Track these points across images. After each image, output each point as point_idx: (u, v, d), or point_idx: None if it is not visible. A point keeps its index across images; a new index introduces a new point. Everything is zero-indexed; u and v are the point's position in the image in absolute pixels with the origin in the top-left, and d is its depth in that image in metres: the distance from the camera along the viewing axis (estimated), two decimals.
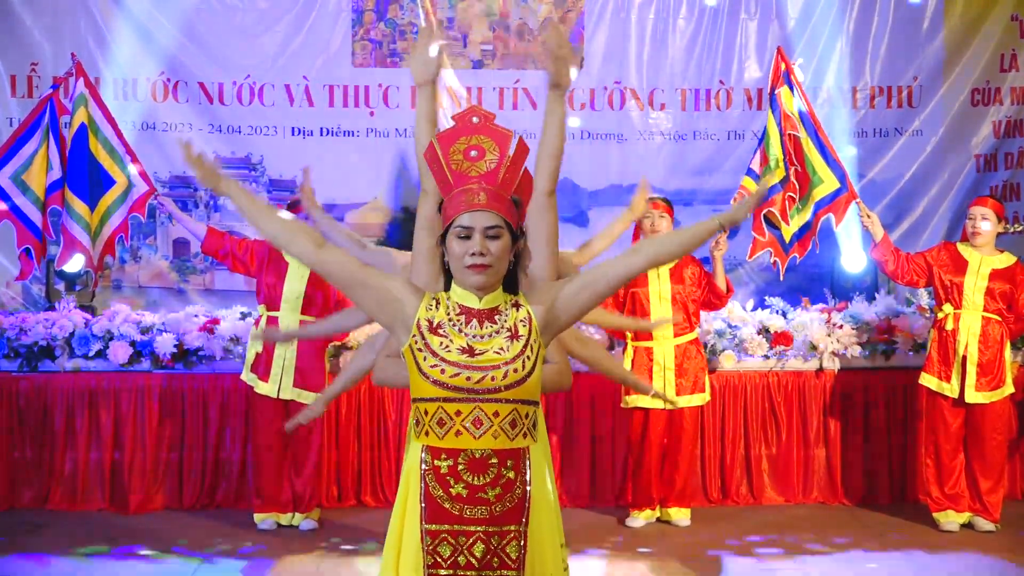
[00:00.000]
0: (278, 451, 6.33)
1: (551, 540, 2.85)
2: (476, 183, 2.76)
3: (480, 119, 2.86)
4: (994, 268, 6.31)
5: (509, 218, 2.76)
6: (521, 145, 2.83)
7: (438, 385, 2.71)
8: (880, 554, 5.96)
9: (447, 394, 2.73)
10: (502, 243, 2.74)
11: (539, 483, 2.80)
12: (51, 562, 5.80)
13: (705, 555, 5.93)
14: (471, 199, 2.74)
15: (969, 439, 6.36)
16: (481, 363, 2.72)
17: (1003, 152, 8.23)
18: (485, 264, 2.70)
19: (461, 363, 2.71)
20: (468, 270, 2.72)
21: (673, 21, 8.13)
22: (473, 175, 2.77)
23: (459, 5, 8.05)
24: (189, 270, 8.01)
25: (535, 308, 2.80)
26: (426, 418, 2.75)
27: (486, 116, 2.88)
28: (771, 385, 7.00)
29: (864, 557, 5.92)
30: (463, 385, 2.71)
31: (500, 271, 2.75)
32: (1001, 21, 8.12)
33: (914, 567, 5.78)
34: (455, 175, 2.78)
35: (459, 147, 2.81)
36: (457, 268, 2.76)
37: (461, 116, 2.90)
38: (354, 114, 8.04)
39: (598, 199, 8.10)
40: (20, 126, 6.63)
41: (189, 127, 7.90)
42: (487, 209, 2.73)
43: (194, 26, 7.90)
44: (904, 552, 5.99)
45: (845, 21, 8.08)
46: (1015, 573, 5.61)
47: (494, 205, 2.75)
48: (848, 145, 7.81)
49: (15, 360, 6.74)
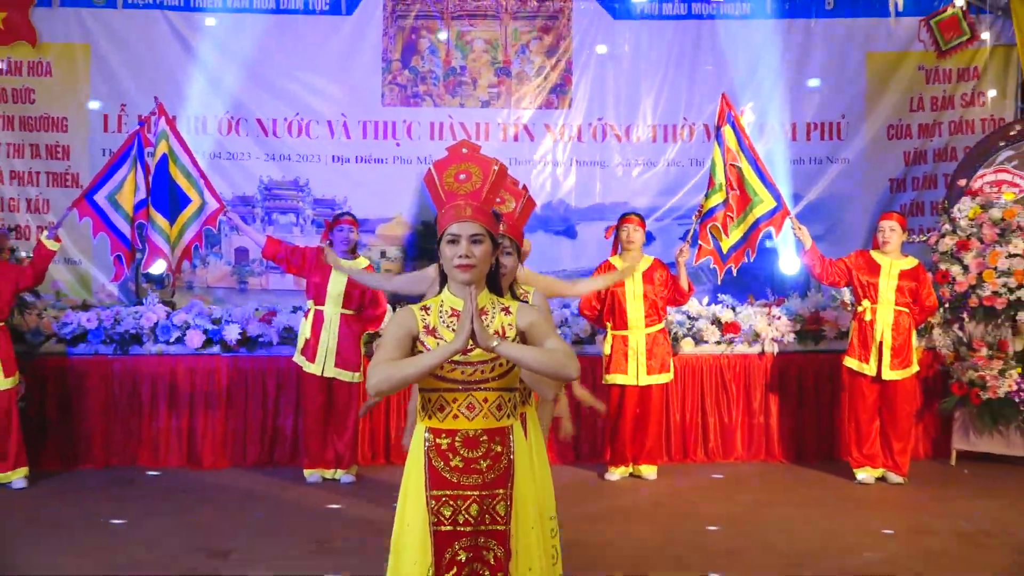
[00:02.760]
0: (322, 419, 6.38)
1: (537, 503, 2.86)
2: (463, 200, 2.79)
3: (468, 150, 2.93)
4: (902, 269, 6.35)
5: (490, 227, 2.79)
6: (501, 170, 2.89)
7: (438, 378, 2.74)
8: (807, 502, 5.97)
9: (446, 385, 2.75)
10: (484, 248, 2.76)
11: (521, 454, 2.82)
12: (139, 512, 5.80)
13: (671, 504, 5.94)
14: (459, 213, 2.77)
15: (883, 409, 6.40)
16: (472, 360, 2.73)
17: (911, 177, 8.25)
18: (470, 264, 2.72)
19: (457, 360, 2.71)
20: (456, 269, 2.74)
21: (645, 69, 8.12)
22: (461, 193, 2.81)
23: (470, 56, 8.07)
24: (248, 273, 8.01)
25: (520, 320, 2.80)
26: (429, 404, 2.78)
27: (473, 148, 2.94)
28: (722, 366, 7.06)
29: (796, 504, 5.91)
30: (458, 378, 2.74)
31: (483, 271, 2.78)
32: (910, 70, 8.16)
33: (837, 510, 5.77)
34: (447, 194, 2.83)
35: (451, 172, 2.86)
36: (448, 268, 2.78)
37: (454, 148, 2.95)
38: (382, 145, 8.03)
39: (584, 216, 8.08)
40: (112, 156, 6.65)
41: (249, 156, 7.95)
42: (472, 220, 2.76)
43: (253, 74, 7.91)
44: (827, 500, 6.01)
45: (785, 71, 8.08)
46: (912, 514, 5.61)
47: (478, 217, 2.77)
48: (788, 170, 7.84)
49: (110, 345, 6.80)
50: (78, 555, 4.98)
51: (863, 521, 5.61)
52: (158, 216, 6.49)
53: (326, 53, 8.01)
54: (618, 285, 6.36)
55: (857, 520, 5.63)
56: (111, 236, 6.49)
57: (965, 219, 6.76)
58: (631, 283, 6.39)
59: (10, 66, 7.81)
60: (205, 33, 7.87)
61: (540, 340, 2.76)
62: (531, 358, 2.68)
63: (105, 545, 5.15)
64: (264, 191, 8.02)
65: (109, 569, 4.79)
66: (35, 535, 5.34)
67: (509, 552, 2.78)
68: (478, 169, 2.85)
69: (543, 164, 8.07)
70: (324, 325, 6.32)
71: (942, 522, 5.56)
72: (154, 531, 5.41)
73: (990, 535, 5.35)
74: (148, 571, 4.77)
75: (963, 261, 6.71)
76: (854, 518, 5.67)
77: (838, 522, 5.58)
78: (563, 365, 2.69)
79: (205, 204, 6.57)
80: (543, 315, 2.87)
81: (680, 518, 5.67)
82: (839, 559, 4.94)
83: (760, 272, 7.57)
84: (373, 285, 5.89)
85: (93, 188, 6.49)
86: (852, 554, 5.01)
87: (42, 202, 7.84)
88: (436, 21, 8.05)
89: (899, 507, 5.90)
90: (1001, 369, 6.63)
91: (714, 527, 5.46)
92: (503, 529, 2.78)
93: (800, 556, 4.97)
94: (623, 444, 6.48)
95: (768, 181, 6.52)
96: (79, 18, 7.81)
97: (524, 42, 8.10)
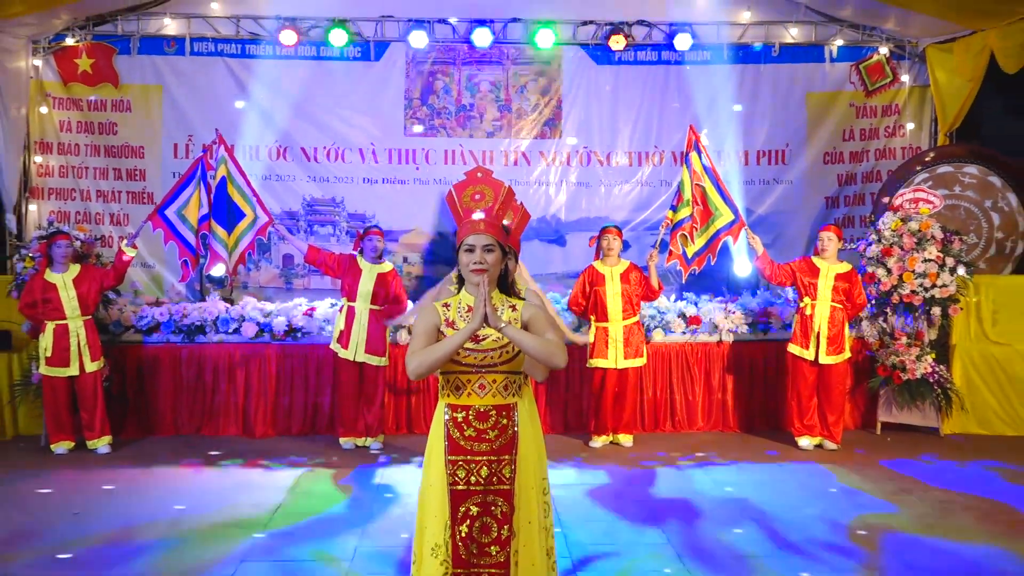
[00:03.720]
0: (355, 396, 6.40)
1: (534, 467, 2.87)
2: (478, 216, 2.85)
3: (482, 175, 2.98)
4: (837, 272, 6.37)
5: (500, 239, 2.82)
6: (509, 191, 2.92)
7: (456, 363, 2.77)
8: (758, 464, 6.02)
9: (462, 368, 2.78)
10: (495, 255, 2.80)
11: (524, 427, 2.84)
12: (203, 470, 5.88)
13: (643, 465, 5.99)
14: (475, 226, 2.81)
15: (820, 388, 6.42)
16: (484, 348, 2.77)
17: (843, 195, 8.25)
18: (483, 269, 2.77)
19: (470, 348, 2.75)
20: (472, 272, 2.78)
21: (622, 106, 8.12)
22: (476, 210, 2.88)
23: (477, 95, 8.06)
24: (293, 275, 7.99)
25: (524, 314, 2.84)
26: (448, 385, 2.81)
27: (486, 172, 2.99)
28: (687, 352, 7.06)
29: (748, 466, 5.97)
30: (472, 363, 2.78)
31: (494, 275, 2.81)
32: (842, 107, 8.16)
33: (779, 465, 5.85)
34: (464, 211, 2.88)
35: (468, 192, 2.91)
36: (465, 272, 2.82)
37: (471, 173, 3.00)
38: (405, 169, 7.99)
39: (572, 227, 8.05)
40: (180, 178, 6.66)
41: (294, 178, 7.94)
42: (485, 233, 2.80)
43: (298, 110, 7.89)
44: (774, 463, 6.06)
45: (739, 105, 8.08)
46: (844, 474, 5.65)
47: (490, 230, 2.81)
48: (741, 190, 7.81)
49: (179, 335, 6.83)
50: (148, 504, 5.04)
51: (804, 479, 5.66)
52: (218, 228, 6.51)
53: (358, 93, 8.00)
54: (599, 285, 6.39)
55: (799, 478, 5.68)
56: (179, 244, 6.51)
57: (888, 230, 6.78)
58: (611, 283, 6.39)
59: (97, 104, 7.81)
60: (258, 76, 7.85)
61: (540, 332, 2.80)
62: (529, 342, 2.72)
63: (168, 495, 5.21)
64: (306, 207, 8.03)
65: (172, 514, 4.83)
66: (115, 490, 5.40)
67: (512, 508, 2.80)
68: (491, 190, 2.90)
69: (538, 184, 8.07)
70: (355, 318, 6.32)
71: (871, 482, 5.60)
72: (210, 482, 5.46)
73: (910, 491, 5.40)
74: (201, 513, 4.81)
75: (887, 265, 6.72)
76: (796, 476, 5.72)
77: (782, 477, 5.63)
78: (553, 354, 2.74)
79: (257, 218, 6.58)
80: (543, 313, 2.89)
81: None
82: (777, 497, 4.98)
83: (718, 274, 7.55)
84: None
85: (164, 204, 6.51)
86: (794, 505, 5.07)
87: (122, 216, 7.86)
88: (449, 66, 8.06)
89: (835, 469, 5.91)
90: (918, 355, 6.65)
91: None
92: (508, 488, 2.81)
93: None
94: (604, 417, 6.49)
95: (727, 198, 6.53)
96: (153, 63, 7.82)
97: (522, 83, 8.10)
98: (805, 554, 4.35)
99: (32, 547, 4.42)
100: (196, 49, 7.85)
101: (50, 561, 4.24)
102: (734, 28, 8.02)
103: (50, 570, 4.13)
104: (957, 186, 7.36)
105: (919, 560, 4.27)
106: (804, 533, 4.63)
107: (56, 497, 5.28)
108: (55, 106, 7.78)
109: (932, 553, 4.36)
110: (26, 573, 4.10)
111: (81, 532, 4.64)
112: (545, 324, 2.84)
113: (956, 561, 4.26)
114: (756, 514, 4.95)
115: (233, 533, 4.61)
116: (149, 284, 7.78)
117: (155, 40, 7.82)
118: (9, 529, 4.69)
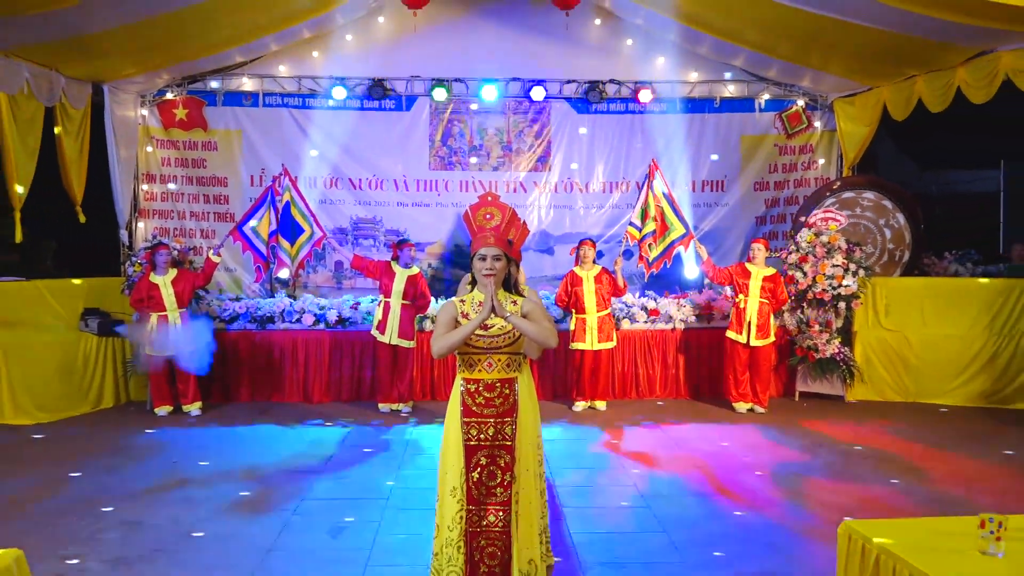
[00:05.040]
0: (390, 370, 6.39)
1: (531, 427, 2.85)
2: (489, 232, 2.82)
3: (492, 199, 2.97)
4: (765, 275, 6.39)
5: (505, 250, 2.81)
6: (514, 212, 2.92)
7: (470, 346, 2.76)
8: (703, 425, 6.03)
9: (474, 350, 2.78)
10: (501, 263, 2.79)
11: (523, 396, 2.83)
12: (273, 428, 5.88)
13: (614, 424, 6.00)
14: (486, 240, 2.80)
15: (751, 365, 6.43)
16: (492, 333, 2.76)
17: (769, 215, 8.21)
18: (492, 273, 2.76)
19: (481, 334, 2.75)
20: (483, 276, 2.78)
21: (598, 145, 8.08)
22: (487, 227, 2.85)
23: (485, 137, 8.02)
24: (342, 277, 7.93)
25: (523, 308, 2.82)
26: (463, 363, 2.81)
27: (495, 197, 2.99)
28: (648, 337, 7.05)
29: (695, 425, 5.98)
30: (482, 345, 2.77)
31: (500, 278, 2.80)
32: (768, 147, 8.11)
33: (719, 424, 5.84)
34: (478, 228, 2.86)
35: (481, 212, 2.88)
36: (478, 276, 2.81)
37: (483, 197, 2.98)
38: (429, 195, 7.98)
39: (559, 240, 8.00)
40: (254, 202, 6.66)
41: (344, 202, 7.90)
42: (494, 245, 2.80)
43: (346, 149, 7.86)
44: (716, 423, 6.06)
45: (688, 147, 8.03)
46: (767, 431, 5.68)
47: (498, 244, 2.80)
48: (690, 211, 7.82)
49: (253, 323, 6.84)
50: (230, 454, 5.07)
51: (739, 435, 5.69)
52: (283, 241, 6.51)
53: (392, 136, 7.97)
54: (577, 285, 6.38)
55: (735, 434, 5.71)
56: (254, 253, 6.52)
57: (805, 242, 6.79)
58: (587, 284, 6.38)
59: (190, 144, 7.81)
60: (314, 122, 7.84)
61: (537, 320, 2.80)
62: (528, 327, 2.73)
63: (245, 447, 5.23)
64: (353, 224, 8.04)
65: (249, 462, 4.86)
66: (204, 444, 5.43)
67: (513, 459, 2.80)
68: (499, 212, 2.87)
69: (532, 207, 8.09)
70: (390, 311, 6.33)
71: (791, 438, 5.62)
72: (278, 437, 5.50)
73: (821, 444, 5.39)
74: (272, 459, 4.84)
75: (803, 269, 6.71)
76: (733, 433, 5.74)
77: (722, 433, 5.65)
78: (548, 337, 2.77)
79: (314, 233, 6.58)
80: (538, 306, 2.89)
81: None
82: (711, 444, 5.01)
83: (672, 276, 7.49)
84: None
85: (242, 222, 6.51)
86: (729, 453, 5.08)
87: (210, 231, 7.85)
88: (463, 116, 8.07)
89: (762, 427, 5.95)
90: (827, 339, 6.66)
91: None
92: (510, 444, 2.80)
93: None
94: (583, 387, 6.49)
95: (680, 216, 6.53)
96: (234, 112, 7.82)
97: (520, 129, 8.10)
98: (739, 491, 4.37)
99: (140, 485, 4.46)
100: (267, 102, 7.84)
101: (154, 493, 4.27)
102: (685, 85, 8.01)
103: (156, 501, 4.17)
104: (858, 208, 7.38)
105: (827, 497, 4.29)
106: (738, 476, 4.66)
107: (158, 448, 5.31)
108: (158, 146, 7.77)
109: (836, 491, 4.39)
110: (136, 503, 4.15)
111: (179, 475, 4.67)
112: (541, 314, 2.83)
113: (855, 496, 4.29)
114: (700, 463, 4.97)
115: (297, 476, 4.64)
116: (231, 284, 7.77)
117: (235, 95, 7.83)
118: (124, 470, 4.73)
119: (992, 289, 6.66)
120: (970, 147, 9.85)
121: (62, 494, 4.29)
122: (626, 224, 6.85)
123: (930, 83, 6.53)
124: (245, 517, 3.98)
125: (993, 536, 2.00)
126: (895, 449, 5.26)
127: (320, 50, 7.75)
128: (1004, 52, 5.74)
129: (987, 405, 6.50)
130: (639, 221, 6.54)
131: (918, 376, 6.75)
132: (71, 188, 6.87)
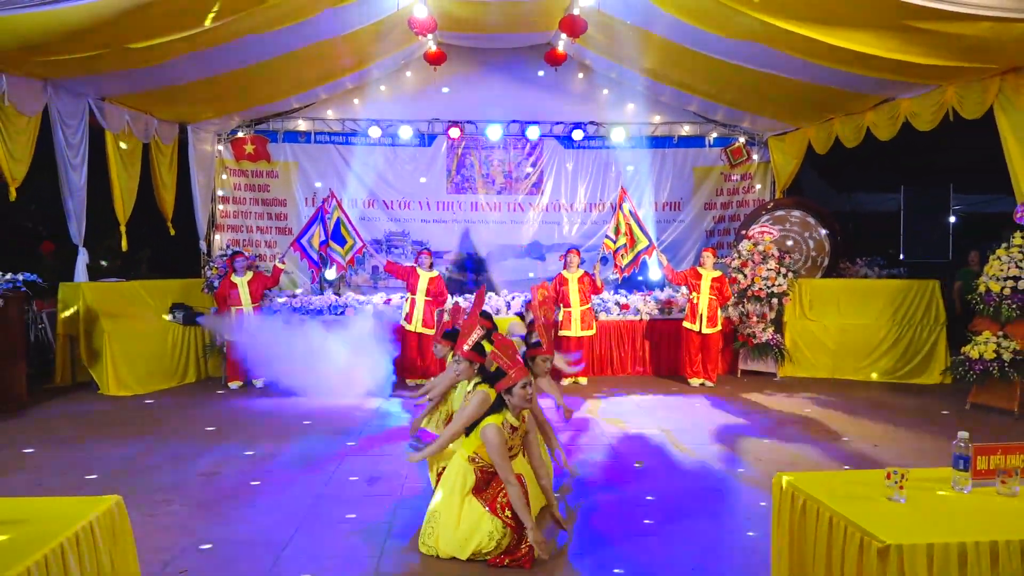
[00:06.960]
0: (415, 353, 6.36)
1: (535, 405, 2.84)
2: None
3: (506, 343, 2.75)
4: (713, 277, 6.33)
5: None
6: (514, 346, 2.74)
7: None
8: (664, 396, 5.98)
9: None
10: (533, 389, 2.77)
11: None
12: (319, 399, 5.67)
13: (594, 396, 5.96)
14: (522, 373, 2.72)
15: (702, 348, 6.38)
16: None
17: (717, 229, 8.20)
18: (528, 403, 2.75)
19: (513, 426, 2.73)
20: (519, 405, 2.75)
21: (580, 174, 8.07)
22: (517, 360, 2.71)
23: (491, 168, 8.03)
24: (378, 279, 7.95)
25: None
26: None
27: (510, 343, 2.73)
28: (621, 326, 6.98)
29: (658, 397, 5.93)
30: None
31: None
32: (716, 175, 8.11)
33: (677, 395, 5.79)
34: (512, 362, 2.73)
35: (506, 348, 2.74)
36: (518, 400, 2.73)
37: (501, 338, 2.77)
38: (446, 214, 7.98)
39: (549, 249, 8.00)
40: (308, 220, 6.61)
41: (379, 219, 7.92)
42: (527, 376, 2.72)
43: (380, 176, 7.87)
44: (674, 394, 5.98)
45: (651, 175, 8.03)
46: (715, 400, 5.65)
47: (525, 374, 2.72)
48: (654, 227, 7.81)
49: (306, 314, 6.70)
50: (286, 420, 5.03)
51: (692, 404, 5.67)
52: (336, 246, 6.46)
53: (417, 167, 7.98)
54: (564, 285, 6.30)
55: (689, 403, 5.68)
56: (308, 261, 6.52)
57: (745, 251, 6.76)
58: (572, 284, 6.33)
59: (256, 173, 7.83)
60: (355, 155, 7.84)
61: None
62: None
63: (299, 414, 5.19)
64: (386, 237, 8.04)
65: (302, 427, 4.82)
66: (268, 411, 5.39)
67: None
68: (510, 350, 2.74)
69: (529, 223, 8.12)
70: (416, 306, 6.30)
71: (733, 406, 5.59)
72: (324, 407, 5.41)
73: (758, 411, 5.37)
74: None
75: (744, 272, 6.68)
76: (688, 402, 5.71)
77: (678, 402, 5.63)
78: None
79: (355, 244, 6.54)
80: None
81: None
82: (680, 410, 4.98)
83: (640, 278, 7.53)
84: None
85: (299, 236, 6.48)
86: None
87: (272, 242, 7.86)
88: (473, 150, 8.07)
89: (711, 398, 5.91)
90: (763, 328, 6.63)
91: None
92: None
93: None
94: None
95: (645, 231, 6.48)
96: (292, 147, 7.83)
97: (518, 161, 8.10)
98: (691, 446, 4.35)
99: (217, 444, 4.44)
100: (317, 139, 7.84)
101: (229, 449, 4.26)
102: (650, 126, 8.01)
103: (228, 457, 4.14)
104: (787, 223, 7.35)
105: (763, 453, 4.27)
106: (691, 436, 4.64)
107: (229, 413, 5.29)
108: (230, 174, 7.78)
109: (770, 449, 4.38)
110: (214, 457, 4.13)
111: (246, 436, 4.65)
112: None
113: (784, 454, 4.27)
114: (661, 425, 4.94)
115: (339, 439, 4.60)
116: (291, 284, 7.76)
117: (292, 133, 7.82)
118: (205, 432, 4.71)
119: (895, 288, 6.64)
120: (877, 175, 9.89)
121: (157, 452, 4.28)
122: (603, 237, 6.83)
123: (845, 124, 6.56)
124: (301, 470, 3.95)
125: (897, 485, 1.99)
126: (817, 416, 5.24)
127: (360, 98, 7.76)
128: (903, 99, 5.77)
129: (891, 380, 6.49)
130: (613, 235, 6.49)
131: (835, 357, 6.71)
132: (163, 207, 6.92)
